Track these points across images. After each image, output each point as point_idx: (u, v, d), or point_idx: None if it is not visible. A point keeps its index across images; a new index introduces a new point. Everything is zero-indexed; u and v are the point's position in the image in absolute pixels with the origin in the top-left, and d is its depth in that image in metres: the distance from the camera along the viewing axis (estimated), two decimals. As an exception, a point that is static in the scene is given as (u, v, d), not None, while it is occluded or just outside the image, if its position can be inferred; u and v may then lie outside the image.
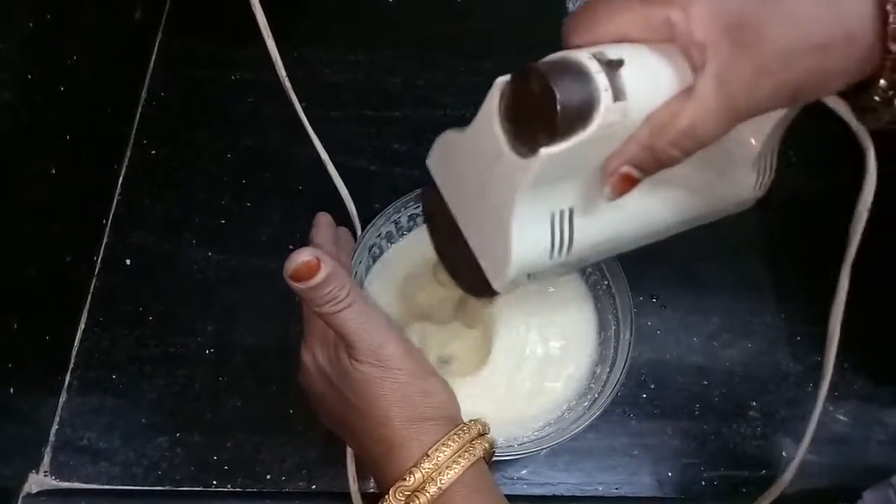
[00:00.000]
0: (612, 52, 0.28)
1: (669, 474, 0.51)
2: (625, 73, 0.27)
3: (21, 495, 0.47)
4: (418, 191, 0.50)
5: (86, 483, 0.49)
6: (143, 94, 0.64)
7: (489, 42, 0.67)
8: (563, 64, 0.27)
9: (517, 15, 0.69)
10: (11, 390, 0.46)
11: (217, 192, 0.59)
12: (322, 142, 0.57)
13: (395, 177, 0.60)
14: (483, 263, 0.34)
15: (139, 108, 0.63)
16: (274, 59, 0.41)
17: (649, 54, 0.29)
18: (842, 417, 0.53)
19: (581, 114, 0.27)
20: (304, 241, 0.46)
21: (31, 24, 0.46)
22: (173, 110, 0.63)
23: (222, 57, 0.65)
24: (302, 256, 0.33)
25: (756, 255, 0.58)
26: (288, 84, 0.43)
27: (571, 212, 0.32)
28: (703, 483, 0.51)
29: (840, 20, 0.27)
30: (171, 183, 0.60)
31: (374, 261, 0.52)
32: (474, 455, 0.35)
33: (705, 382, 0.54)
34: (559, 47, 0.29)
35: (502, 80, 0.30)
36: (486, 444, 0.36)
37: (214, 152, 0.61)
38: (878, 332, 0.51)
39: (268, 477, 0.49)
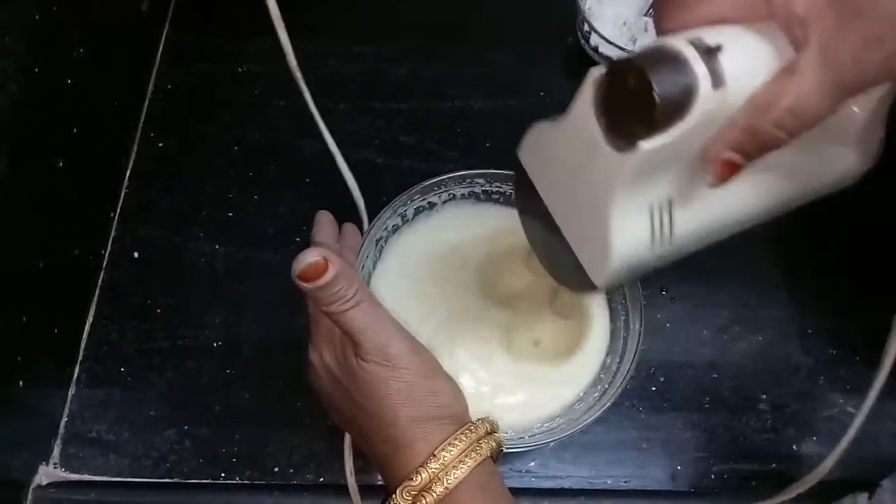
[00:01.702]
0: (710, 37, 0.27)
1: (679, 467, 0.50)
2: (723, 58, 0.26)
3: (31, 487, 0.48)
4: (425, 183, 0.49)
5: (95, 475, 0.49)
6: (151, 87, 0.64)
7: (497, 33, 0.67)
8: (659, 54, 0.26)
9: (525, 5, 0.69)
10: (21, 383, 0.46)
11: (224, 185, 0.59)
12: (329, 134, 0.57)
13: (402, 169, 0.60)
14: (582, 259, 0.33)
15: (146, 101, 0.63)
16: (286, 51, 0.41)
17: (748, 35, 0.27)
18: (853, 411, 0.53)
19: (680, 105, 0.26)
20: (314, 222, 0.46)
21: (37, 17, 0.46)
22: (180, 103, 0.63)
23: (229, 49, 0.64)
24: (309, 257, 0.33)
25: (766, 248, 0.58)
26: (299, 75, 0.43)
27: (671, 202, 0.31)
28: (713, 476, 0.50)
29: None
30: (179, 176, 0.60)
31: (381, 254, 0.51)
32: (481, 454, 0.35)
33: (715, 375, 0.53)
34: (567, 38, 0.28)
35: (596, 71, 0.28)
36: (493, 443, 0.36)
37: (222, 145, 0.61)
38: (890, 326, 0.50)
39: (276, 469, 0.49)
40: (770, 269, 0.57)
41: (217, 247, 0.57)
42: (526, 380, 0.48)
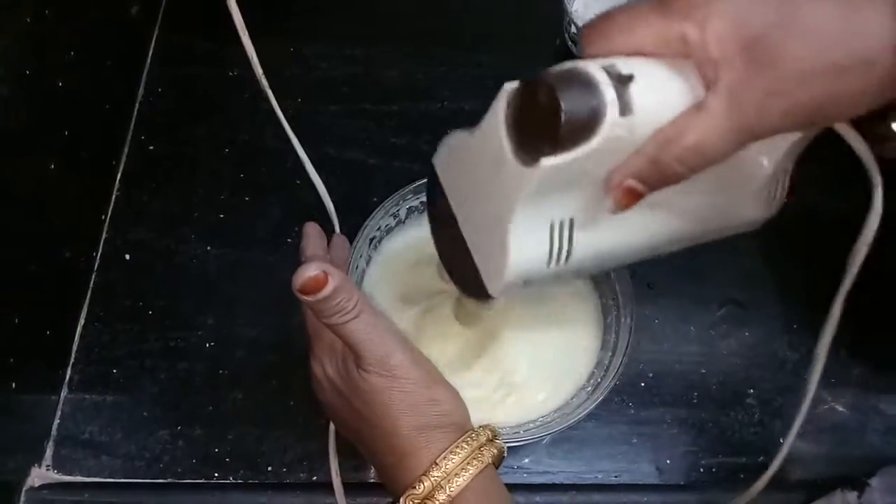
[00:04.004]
0: (624, 66, 0.27)
1: (668, 462, 0.51)
2: (634, 87, 0.27)
3: (24, 489, 0.48)
4: (417, 183, 0.50)
5: (88, 476, 0.49)
6: (141, 91, 0.64)
7: (487, 35, 0.68)
8: (571, 74, 0.27)
9: (515, 8, 0.69)
10: (13, 385, 0.46)
11: (215, 187, 0.60)
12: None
13: (393, 170, 0.61)
14: (480, 267, 0.34)
15: (137, 105, 0.63)
16: (250, 56, 0.42)
17: (662, 69, 0.28)
18: (839, 407, 0.54)
19: (586, 126, 0.26)
20: (302, 235, 0.47)
21: (29, 20, 0.46)
22: (171, 106, 0.63)
23: (219, 53, 0.65)
24: (309, 271, 0.34)
25: (753, 245, 0.59)
26: (265, 82, 0.43)
27: (572, 222, 0.31)
28: (702, 470, 0.51)
29: (859, 41, 0.25)
30: (170, 178, 0.60)
31: (374, 253, 0.52)
32: (483, 462, 0.35)
33: (703, 371, 0.54)
34: (555, 40, 0.29)
35: (509, 86, 0.29)
36: (495, 450, 0.37)
37: (212, 148, 0.61)
38: (874, 319, 0.51)
39: (269, 468, 0.50)
40: (756, 265, 0.58)
41: (208, 248, 0.57)
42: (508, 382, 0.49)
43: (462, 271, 0.36)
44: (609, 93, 0.26)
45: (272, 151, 0.61)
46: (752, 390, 0.54)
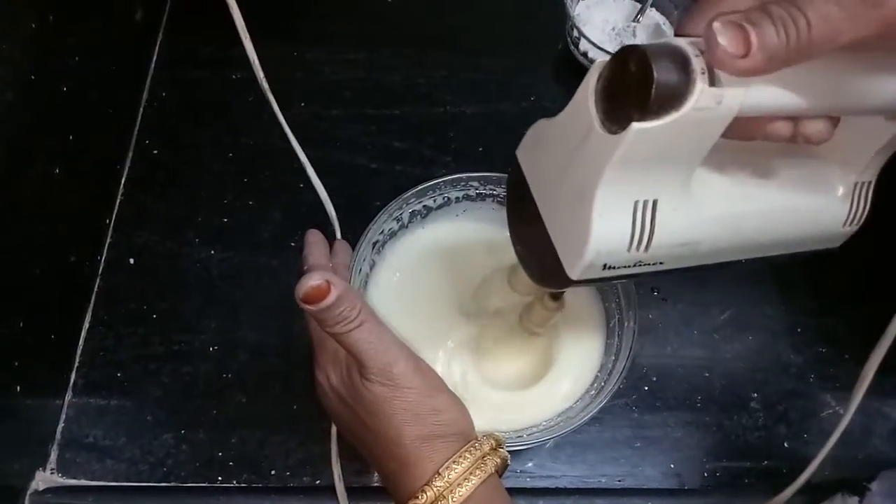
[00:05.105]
0: None
1: (672, 466, 0.51)
2: None
3: (28, 492, 0.48)
4: (419, 187, 0.50)
5: (92, 480, 0.49)
6: (145, 95, 0.64)
7: (489, 39, 0.68)
8: (662, 46, 0.28)
9: (517, 12, 0.69)
10: (18, 389, 0.46)
11: (219, 191, 0.60)
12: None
13: (395, 174, 0.61)
14: (559, 248, 0.33)
15: (141, 109, 0.63)
16: (251, 59, 0.42)
17: None
18: (842, 410, 0.53)
19: (676, 93, 0.27)
20: (304, 242, 0.47)
21: (33, 25, 0.47)
22: (174, 110, 0.64)
23: (222, 57, 0.65)
24: (312, 280, 0.34)
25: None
26: (265, 85, 0.43)
27: (655, 204, 0.31)
28: (706, 474, 0.51)
29: None
30: (174, 182, 0.60)
31: (378, 258, 0.52)
32: (486, 471, 0.35)
33: (707, 375, 0.54)
34: (557, 44, 0.29)
35: (601, 61, 0.30)
36: (498, 460, 0.37)
37: (216, 151, 0.62)
38: (879, 323, 0.51)
39: (272, 472, 0.50)
40: (760, 268, 0.58)
41: (212, 252, 0.57)
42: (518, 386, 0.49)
43: (540, 260, 0.35)
44: (698, 63, 0.27)
45: (276, 155, 0.61)
46: (755, 394, 0.53)
